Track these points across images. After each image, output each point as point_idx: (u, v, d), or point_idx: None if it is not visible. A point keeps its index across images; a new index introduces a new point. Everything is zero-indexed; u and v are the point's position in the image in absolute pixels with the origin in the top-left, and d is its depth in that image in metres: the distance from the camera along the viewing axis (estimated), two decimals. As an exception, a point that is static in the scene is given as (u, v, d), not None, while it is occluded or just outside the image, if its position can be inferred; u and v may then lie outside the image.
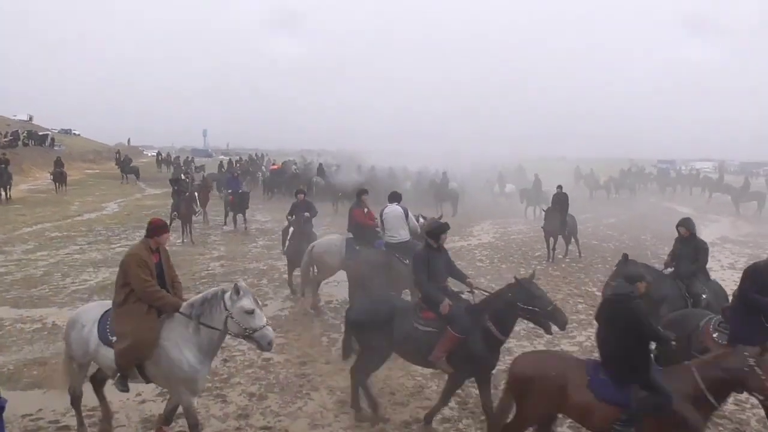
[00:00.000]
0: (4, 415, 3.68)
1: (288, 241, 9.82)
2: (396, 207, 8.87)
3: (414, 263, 6.15)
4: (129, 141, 74.56)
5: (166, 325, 5.05)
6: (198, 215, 18.11)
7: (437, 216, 9.91)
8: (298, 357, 7.76)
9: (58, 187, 29.30)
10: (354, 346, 6.24)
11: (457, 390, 6.14)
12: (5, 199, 24.38)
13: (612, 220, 23.53)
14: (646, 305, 7.39)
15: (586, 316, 9.75)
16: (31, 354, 7.77)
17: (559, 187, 15.71)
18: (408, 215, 8.90)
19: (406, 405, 6.36)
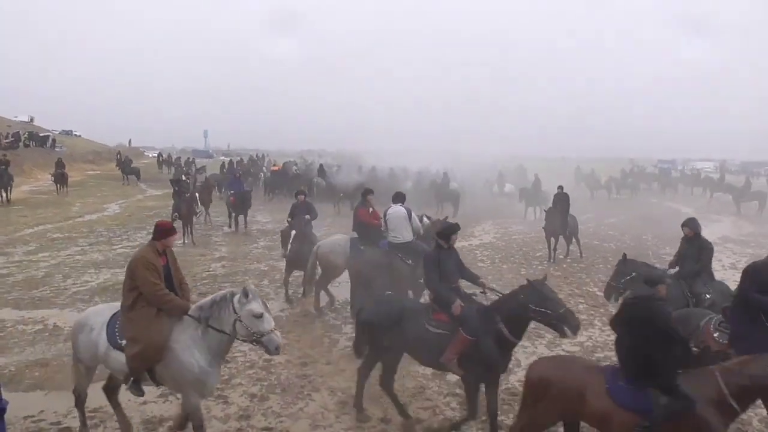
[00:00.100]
0: (5, 417, 3.68)
1: (290, 244, 9.81)
2: (399, 207, 8.87)
3: (425, 264, 6.09)
4: (130, 142, 74.53)
5: (175, 328, 5.03)
6: (199, 216, 18.12)
7: (441, 216, 9.93)
8: (299, 358, 7.77)
9: (59, 189, 29.30)
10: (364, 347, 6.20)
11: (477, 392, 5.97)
12: (5, 201, 24.35)
13: (613, 220, 23.51)
14: None
15: (587, 316, 9.74)
16: (33, 355, 7.78)
17: (560, 188, 15.70)
18: (411, 216, 8.90)
19: (407, 406, 6.33)
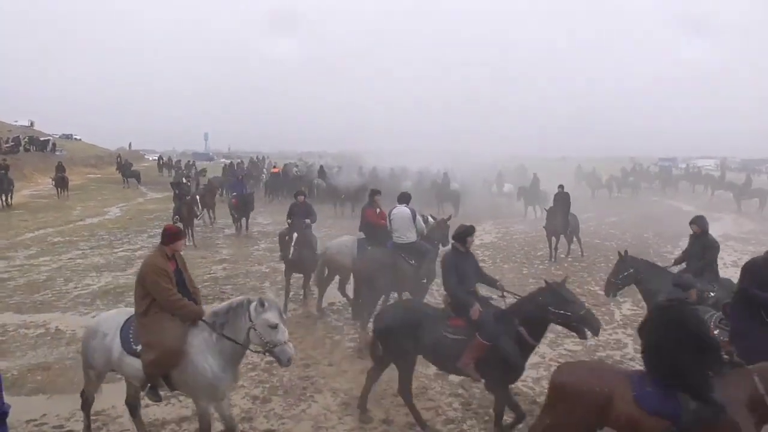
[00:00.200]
0: (7, 421, 3.67)
1: (293, 247, 9.81)
2: (404, 208, 8.88)
3: (443, 267, 5.98)
4: (130, 145, 74.53)
5: (190, 332, 5.01)
6: (200, 218, 18.12)
7: (445, 217, 9.95)
8: (301, 359, 7.75)
9: (60, 192, 29.31)
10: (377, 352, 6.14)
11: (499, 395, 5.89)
12: (5, 205, 24.27)
13: (614, 218, 23.50)
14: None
15: (589, 315, 9.71)
16: (35, 359, 7.78)
17: (561, 187, 15.69)
18: (416, 217, 8.90)
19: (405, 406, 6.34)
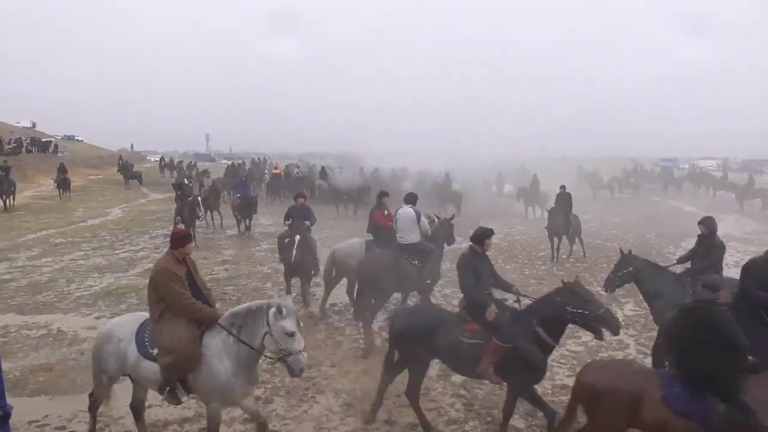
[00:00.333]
0: (10, 422, 3.68)
1: (295, 250, 9.82)
2: (408, 209, 8.88)
3: (460, 267, 5.91)
4: (132, 146, 74.80)
5: (206, 334, 5.00)
6: (201, 219, 18.14)
7: (449, 216, 9.99)
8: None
9: (61, 194, 29.34)
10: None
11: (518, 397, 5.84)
12: (6, 207, 24.27)
13: (616, 219, 23.47)
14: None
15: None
16: (37, 360, 7.79)
17: (563, 187, 15.67)
18: (420, 218, 8.90)
19: (409, 407, 6.33)
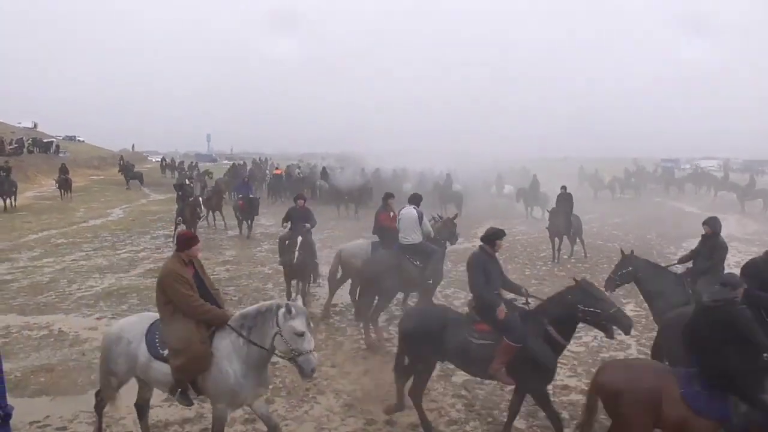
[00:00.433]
0: (11, 422, 3.68)
1: (297, 251, 9.83)
2: (411, 209, 8.91)
3: (470, 266, 5.86)
4: (133, 147, 74.78)
5: (216, 335, 4.98)
6: (202, 220, 18.15)
7: (453, 216, 10.02)
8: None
9: (63, 194, 29.35)
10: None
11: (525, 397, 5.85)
12: (5, 207, 24.26)
13: (617, 220, 23.46)
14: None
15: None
16: (38, 361, 7.79)
17: (564, 188, 15.67)
18: (422, 219, 8.92)
19: (412, 408, 6.31)
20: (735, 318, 4.25)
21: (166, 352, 4.95)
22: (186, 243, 5.15)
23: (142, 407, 5.63)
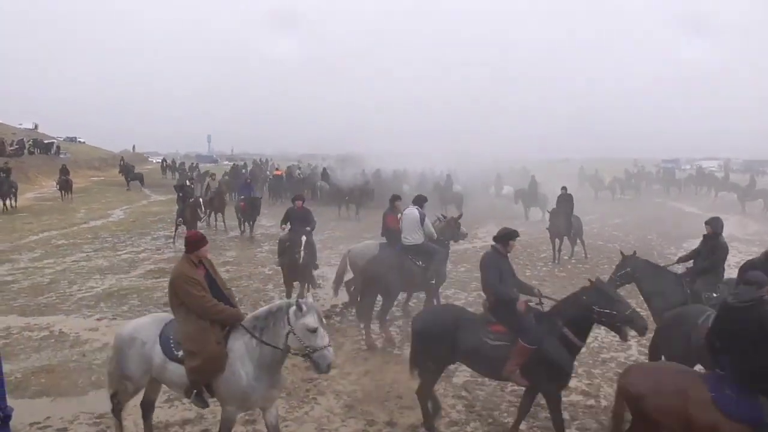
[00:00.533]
0: (11, 424, 3.68)
1: (303, 251, 9.84)
2: (413, 210, 8.95)
3: (484, 265, 5.81)
4: (134, 148, 74.89)
5: (230, 337, 4.96)
6: (202, 221, 18.15)
7: (457, 216, 10.05)
8: (304, 361, 7.73)
9: (63, 195, 29.39)
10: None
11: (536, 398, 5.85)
12: (4, 207, 24.24)
13: (617, 220, 23.45)
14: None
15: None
16: (39, 362, 7.79)
17: (564, 188, 15.67)
18: (424, 220, 8.94)
19: (413, 408, 6.33)
20: (765, 318, 4.12)
21: (180, 353, 4.92)
22: (194, 244, 5.13)
23: (147, 408, 5.61)
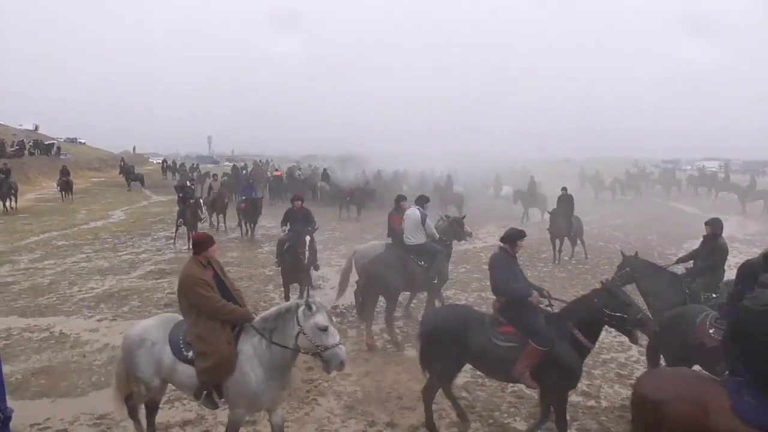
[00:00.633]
0: (11, 425, 3.68)
1: (307, 251, 9.83)
2: (415, 210, 8.96)
3: (494, 267, 5.81)
4: (134, 149, 75.00)
5: (241, 338, 4.95)
6: (203, 222, 18.14)
7: (461, 216, 10.06)
8: (304, 362, 7.71)
9: (64, 196, 29.38)
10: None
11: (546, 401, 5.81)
12: (4, 208, 24.21)
13: (618, 221, 23.44)
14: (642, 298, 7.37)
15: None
16: (39, 363, 7.78)
17: (564, 189, 15.65)
18: (425, 221, 8.94)
19: (413, 409, 6.33)
20: None
21: (190, 354, 4.91)
22: (202, 245, 5.12)
23: (151, 408, 5.61)
